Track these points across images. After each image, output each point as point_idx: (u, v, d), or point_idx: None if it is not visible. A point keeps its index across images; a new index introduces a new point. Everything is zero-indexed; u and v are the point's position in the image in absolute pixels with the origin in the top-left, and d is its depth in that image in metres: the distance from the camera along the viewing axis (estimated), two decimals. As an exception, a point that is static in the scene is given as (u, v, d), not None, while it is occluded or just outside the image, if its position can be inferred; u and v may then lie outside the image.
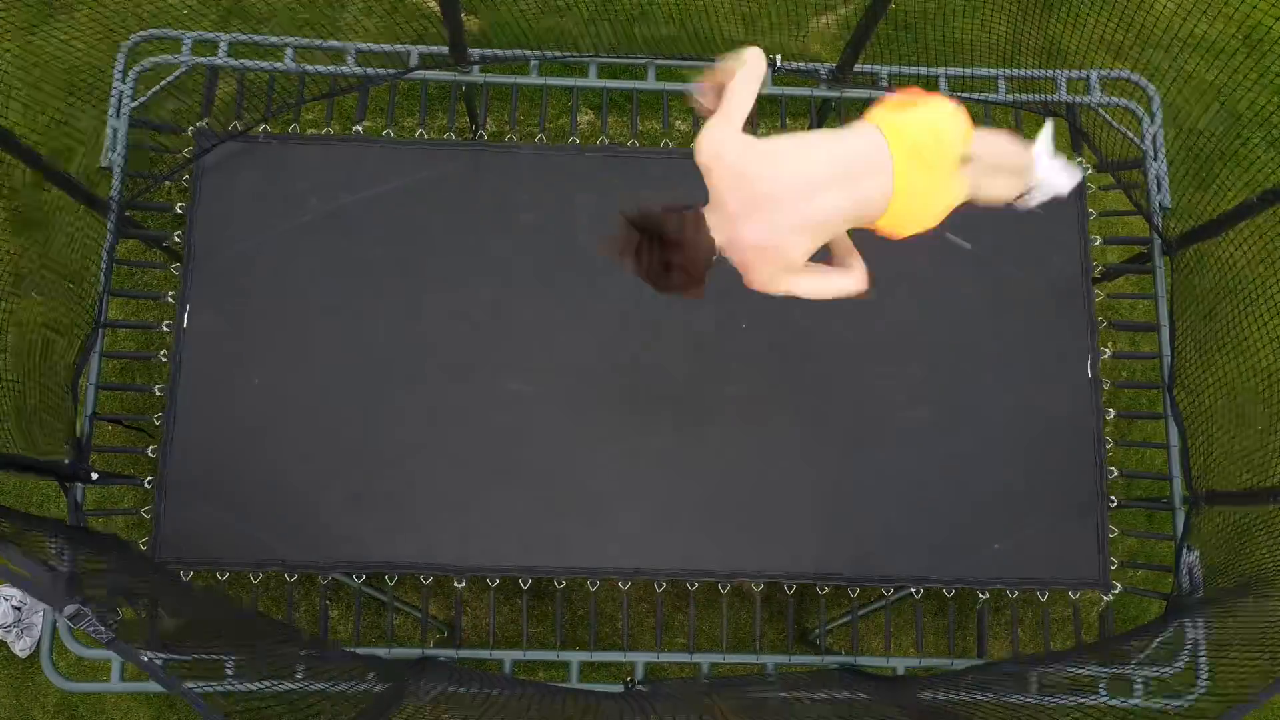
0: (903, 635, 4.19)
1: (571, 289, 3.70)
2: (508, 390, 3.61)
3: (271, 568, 3.52)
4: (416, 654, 3.50)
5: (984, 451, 3.66)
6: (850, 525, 3.60)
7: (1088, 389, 3.73)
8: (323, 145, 3.82)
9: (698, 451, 3.61)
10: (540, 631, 4.08)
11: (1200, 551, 3.55)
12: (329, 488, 3.53)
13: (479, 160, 3.81)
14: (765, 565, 3.58)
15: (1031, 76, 3.92)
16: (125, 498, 4.19)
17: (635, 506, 3.56)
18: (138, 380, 4.17)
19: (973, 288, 3.78)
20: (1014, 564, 3.62)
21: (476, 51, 3.86)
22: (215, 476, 3.51)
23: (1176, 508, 3.66)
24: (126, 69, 3.70)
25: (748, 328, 3.69)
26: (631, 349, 3.66)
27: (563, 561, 3.53)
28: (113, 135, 3.65)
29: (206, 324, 3.61)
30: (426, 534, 3.52)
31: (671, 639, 4.16)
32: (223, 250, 3.67)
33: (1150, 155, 3.85)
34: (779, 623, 4.04)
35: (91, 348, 3.55)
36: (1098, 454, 3.67)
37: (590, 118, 4.64)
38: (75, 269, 3.51)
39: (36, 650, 4.09)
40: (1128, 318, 4.09)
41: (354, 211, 3.74)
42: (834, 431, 3.65)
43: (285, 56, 3.79)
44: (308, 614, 4.10)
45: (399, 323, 3.65)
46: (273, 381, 3.59)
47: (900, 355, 3.69)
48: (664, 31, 3.94)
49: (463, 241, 3.73)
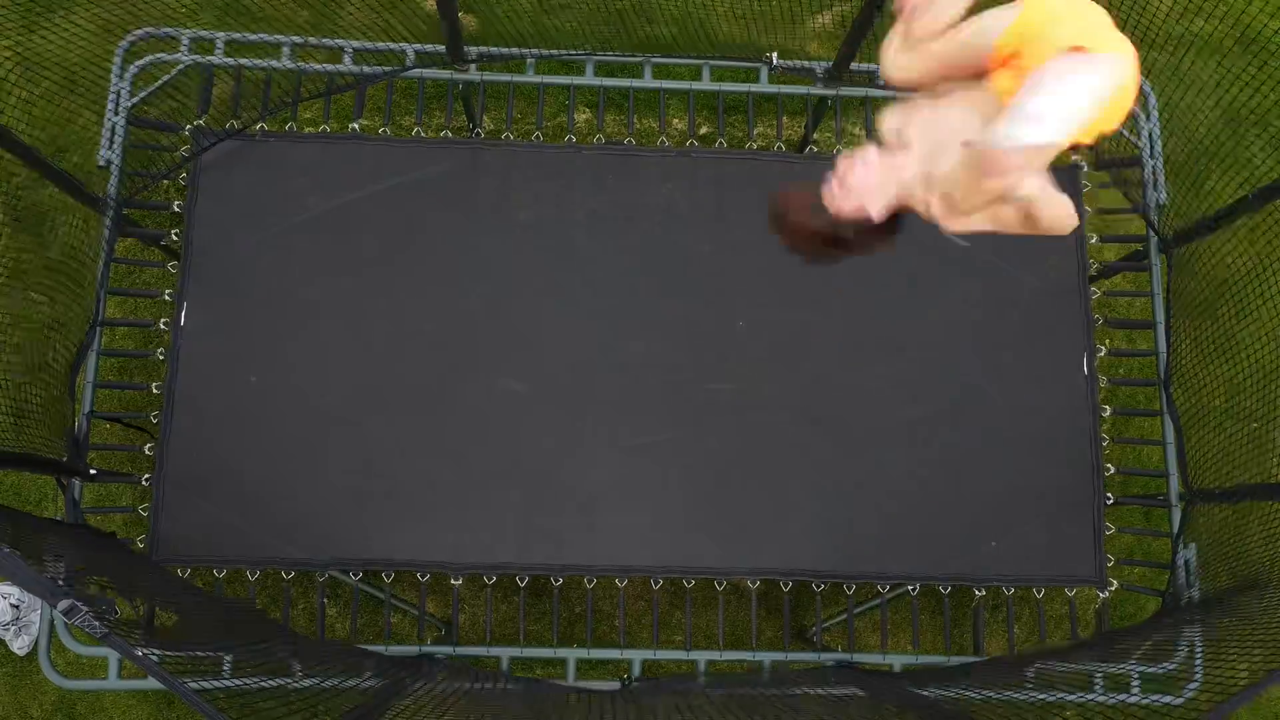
0: (899, 632, 4.20)
1: (568, 287, 3.71)
2: (505, 388, 3.62)
3: (269, 565, 3.52)
4: (414, 651, 3.50)
5: (980, 449, 3.66)
6: (846, 522, 3.60)
7: (1084, 386, 3.74)
8: (320, 143, 3.82)
9: (694, 449, 3.61)
10: (537, 629, 4.09)
11: (1196, 548, 3.56)
12: (326, 485, 3.53)
13: (476, 158, 3.82)
14: (761, 562, 3.58)
15: (1028, 74, 3.91)
16: (123, 495, 4.20)
17: (632, 504, 3.56)
18: (135, 378, 4.18)
19: (969, 285, 3.79)
20: (1010, 561, 3.62)
21: (473, 50, 3.87)
22: (213, 474, 3.52)
23: (1173, 505, 3.66)
24: (124, 67, 3.70)
25: (745, 325, 3.70)
26: (628, 347, 3.66)
27: (559, 559, 3.54)
28: (110, 133, 3.65)
29: (204, 322, 3.62)
30: (424, 531, 3.52)
31: (668, 636, 4.16)
32: (220, 248, 3.68)
33: (1147, 153, 3.86)
34: (775, 620, 4.05)
35: (89, 346, 3.55)
36: (1094, 451, 3.68)
37: (587, 116, 4.65)
38: (73, 267, 3.51)
39: (34, 648, 4.09)
40: (1124, 315, 4.10)
41: (351, 209, 3.75)
42: (830, 429, 3.66)
43: (283, 55, 3.80)
44: (305, 611, 4.11)
45: (396, 320, 3.66)
46: (270, 379, 3.59)
47: (896, 353, 3.70)
48: (661, 30, 3.94)
49: (459, 239, 3.74)
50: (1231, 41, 3.64)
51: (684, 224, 3.79)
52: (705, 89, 3.98)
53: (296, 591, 4.06)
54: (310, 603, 4.09)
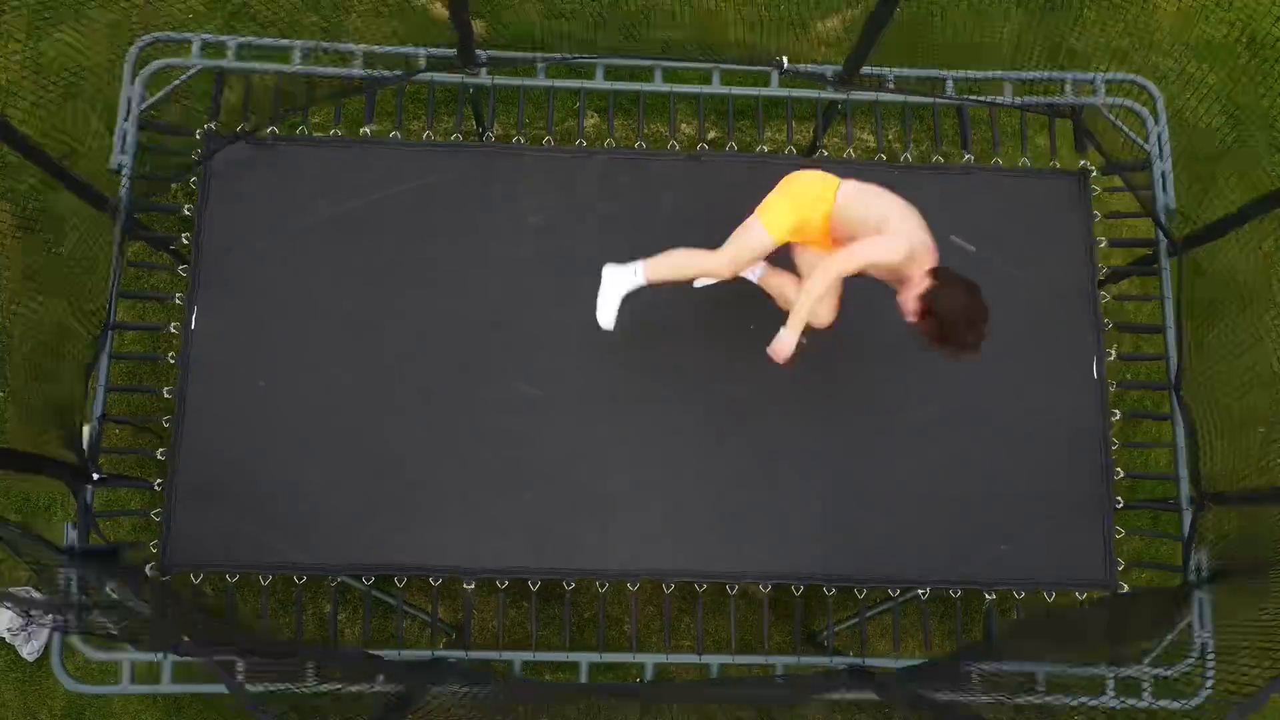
0: (910, 636, 4.20)
1: (579, 290, 3.71)
2: (516, 392, 3.62)
3: (280, 570, 3.52)
4: (426, 656, 3.50)
5: (991, 453, 3.67)
6: (857, 527, 3.61)
7: (1094, 390, 3.74)
8: (330, 147, 3.82)
9: (705, 454, 3.62)
10: (548, 634, 4.09)
11: (1207, 552, 3.56)
12: (337, 490, 3.53)
13: (486, 162, 3.82)
14: (773, 567, 3.58)
15: (1037, 79, 3.93)
16: (134, 500, 4.19)
17: (643, 509, 3.57)
18: (146, 382, 4.17)
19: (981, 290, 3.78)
20: (1021, 565, 3.63)
21: (484, 54, 3.87)
22: (224, 479, 3.52)
23: (1184, 508, 3.66)
24: (135, 72, 3.70)
25: (755, 329, 3.70)
26: (640, 351, 3.66)
27: (571, 563, 3.54)
28: (121, 137, 3.65)
29: (214, 326, 3.62)
30: (435, 536, 3.52)
31: (679, 640, 4.17)
32: (231, 252, 3.68)
33: (1156, 157, 3.87)
34: (786, 624, 4.05)
35: (101, 350, 3.55)
36: (1104, 455, 3.69)
37: (596, 120, 4.65)
38: (84, 271, 3.51)
39: (44, 653, 4.09)
40: (1133, 319, 4.10)
41: (361, 213, 3.75)
42: (841, 433, 3.66)
43: (293, 59, 3.80)
44: (315, 617, 4.11)
45: (407, 324, 3.66)
46: (281, 383, 3.59)
47: (906, 357, 3.69)
48: (670, 34, 3.95)
49: (470, 243, 3.74)
50: (1240, 46, 3.65)
51: (694, 228, 3.78)
52: (715, 93, 3.98)
53: (307, 597, 4.05)
54: (321, 608, 4.09)
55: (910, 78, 3.94)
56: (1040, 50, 3.87)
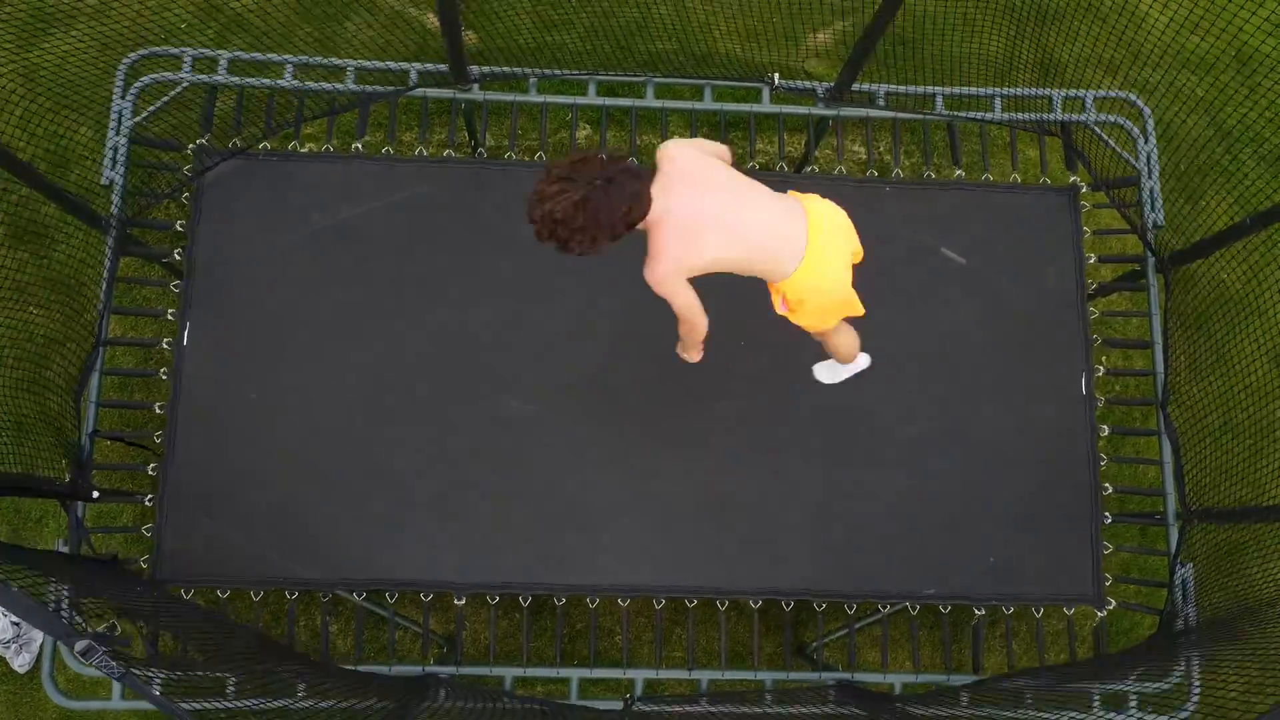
0: (899, 650, 4.23)
1: (572, 306, 3.73)
2: (508, 407, 3.63)
3: (272, 584, 3.53)
4: (418, 671, 3.52)
5: (978, 467, 3.69)
6: (846, 541, 3.63)
7: (1082, 405, 3.77)
8: (323, 162, 3.83)
9: (695, 468, 3.64)
10: (540, 646, 4.10)
11: (1193, 567, 3.59)
12: (329, 504, 3.54)
13: (479, 177, 3.83)
14: (763, 582, 3.61)
15: (1027, 95, 3.95)
16: (125, 515, 4.19)
17: (634, 523, 3.58)
18: (138, 397, 4.17)
19: (968, 304, 3.82)
20: (1009, 580, 3.66)
21: (476, 69, 3.88)
22: (216, 493, 3.53)
23: (1170, 524, 3.70)
24: (126, 86, 3.70)
25: (745, 345, 3.72)
26: (630, 367, 3.68)
27: (562, 578, 3.55)
28: (113, 152, 3.65)
29: (206, 341, 3.62)
30: (427, 550, 3.53)
31: (670, 654, 4.18)
32: (223, 267, 3.69)
33: (1145, 173, 3.89)
34: (776, 637, 4.07)
35: (92, 365, 3.55)
36: (1092, 470, 3.71)
37: (588, 132, 4.66)
38: (75, 286, 3.52)
39: (35, 666, 4.09)
40: (1121, 334, 4.13)
41: (354, 228, 3.76)
42: (830, 448, 3.68)
43: (285, 74, 3.80)
44: (308, 629, 4.12)
45: (399, 339, 3.67)
46: (273, 398, 3.60)
47: (895, 372, 3.72)
48: (662, 47, 3.96)
49: (462, 258, 3.75)
50: (1228, 59, 3.67)
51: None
52: (707, 109, 3.99)
53: (299, 609, 4.06)
54: (313, 621, 4.10)
55: (900, 94, 3.95)
56: (1030, 63, 3.89)
